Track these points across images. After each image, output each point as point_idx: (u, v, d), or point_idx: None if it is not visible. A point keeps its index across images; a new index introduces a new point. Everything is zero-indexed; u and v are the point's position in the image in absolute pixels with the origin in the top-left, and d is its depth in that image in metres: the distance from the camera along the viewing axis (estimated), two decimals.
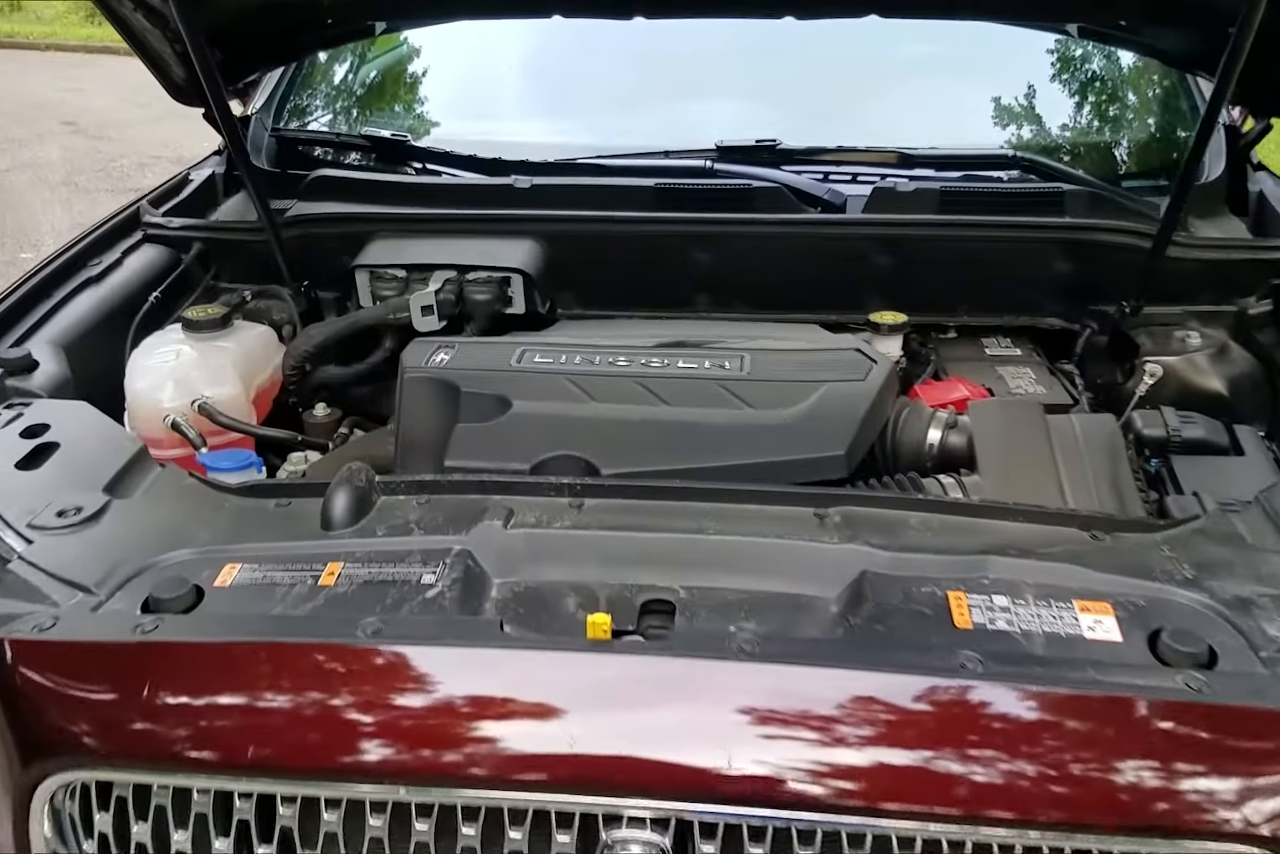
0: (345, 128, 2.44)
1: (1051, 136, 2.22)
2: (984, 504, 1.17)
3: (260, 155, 2.23)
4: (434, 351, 1.59)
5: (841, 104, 2.27)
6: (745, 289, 1.92)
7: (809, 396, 1.45)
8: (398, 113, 2.50)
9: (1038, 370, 1.79)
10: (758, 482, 1.35)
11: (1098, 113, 2.30)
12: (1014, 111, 2.27)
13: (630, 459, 1.35)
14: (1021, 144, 2.17)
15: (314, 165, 2.16)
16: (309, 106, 2.52)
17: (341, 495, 1.15)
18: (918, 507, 1.16)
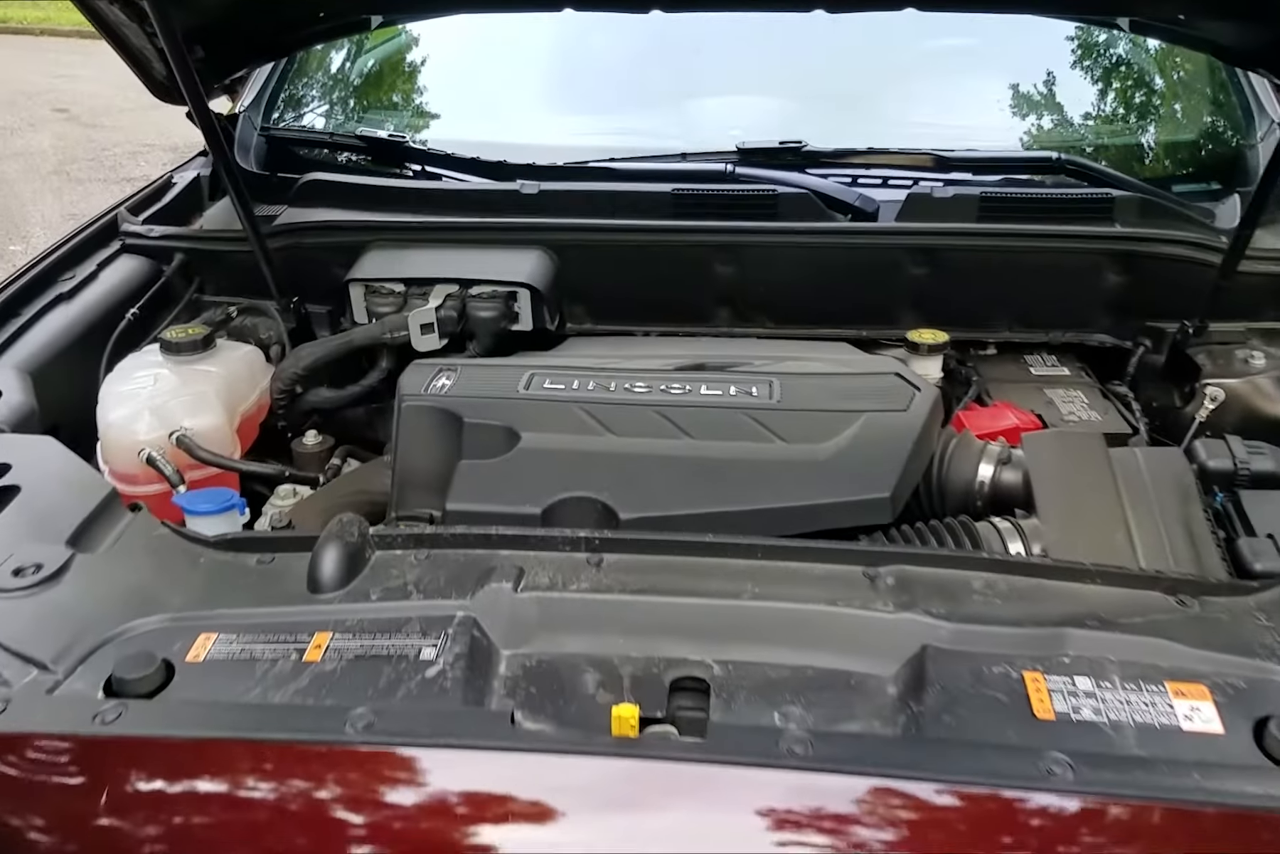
0: (340, 127, 2.31)
1: (1095, 137, 2.09)
2: (1057, 564, 1.04)
3: (248, 156, 2.11)
4: (434, 376, 1.47)
5: (870, 102, 2.14)
6: (769, 302, 1.80)
7: (846, 429, 1.33)
8: (396, 111, 2.37)
9: (1089, 393, 1.67)
10: (792, 525, 1.24)
11: (1142, 112, 2.17)
12: (1055, 110, 2.14)
13: (652, 501, 1.24)
14: (1063, 145, 2.04)
15: (306, 167, 2.03)
16: (301, 104, 2.39)
17: (330, 553, 1.03)
18: (981, 566, 1.03)
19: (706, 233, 1.74)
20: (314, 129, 2.26)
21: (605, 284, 1.80)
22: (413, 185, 1.88)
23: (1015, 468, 1.36)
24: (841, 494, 1.24)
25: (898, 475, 1.25)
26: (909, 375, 1.46)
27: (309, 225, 1.79)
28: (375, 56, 2.47)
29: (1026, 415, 1.53)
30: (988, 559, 1.04)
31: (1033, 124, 2.13)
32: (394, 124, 2.28)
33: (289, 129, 2.21)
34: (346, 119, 2.32)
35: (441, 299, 1.65)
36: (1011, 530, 1.26)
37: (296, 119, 2.33)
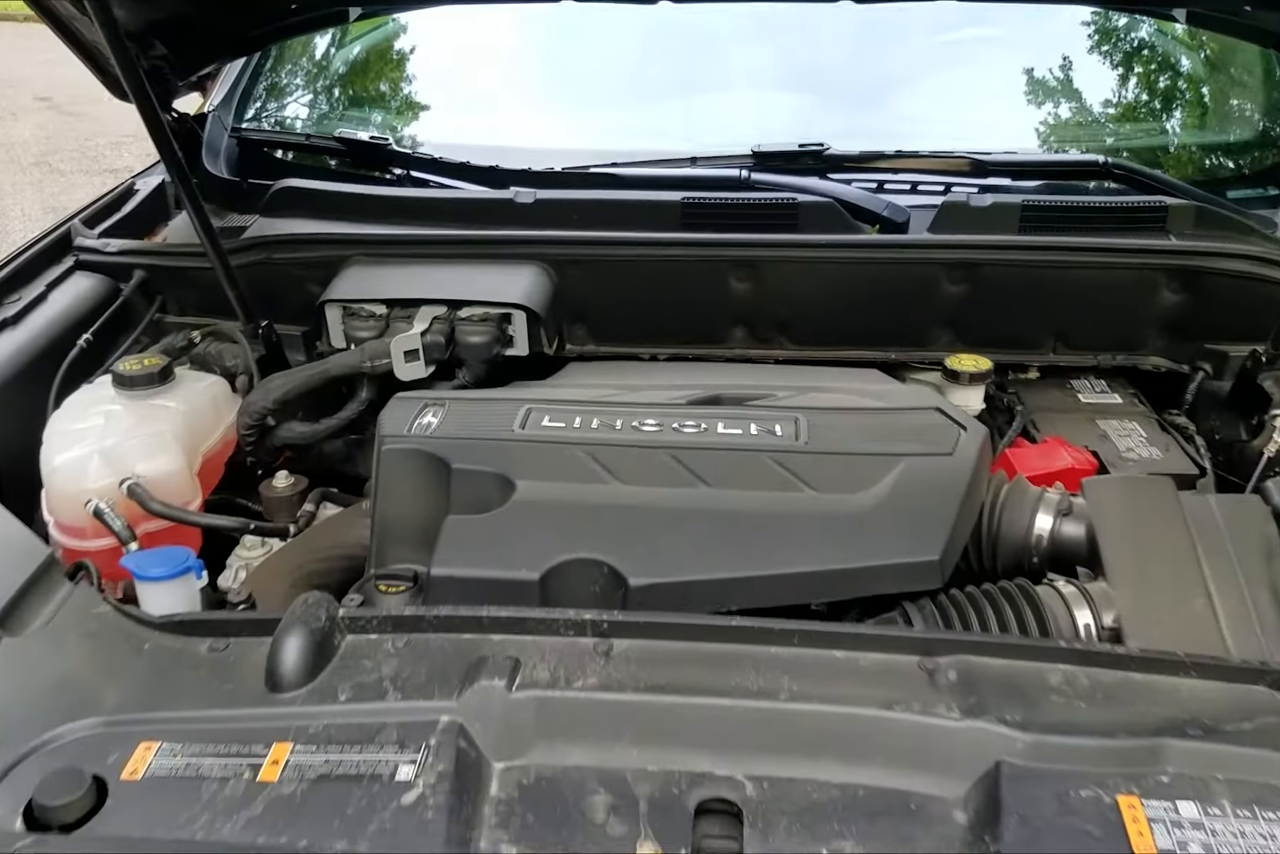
0: (319, 128, 2.16)
1: (1141, 138, 1.95)
2: (1145, 655, 0.90)
3: (218, 160, 1.96)
4: (419, 413, 1.33)
5: (894, 99, 2.00)
6: (789, 322, 1.66)
7: (884, 477, 1.20)
8: (380, 110, 2.23)
9: (1146, 425, 1.53)
10: (827, 592, 1.10)
11: (1191, 110, 2.02)
12: (1095, 109, 2.00)
13: (665, 564, 1.10)
14: (1106, 146, 1.90)
15: (282, 172, 1.89)
16: (277, 102, 2.25)
17: (292, 643, 0.89)
18: (1057, 657, 0.90)
19: (720, 247, 1.60)
20: (290, 130, 2.11)
21: (608, 303, 1.66)
22: (396, 193, 1.74)
23: (1077, 520, 1.22)
24: (883, 556, 1.10)
25: (947, 534, 1.11)
26: (952, 411, 1.32)
27: (279, 239, 1.64)
28: (358, 50, 2.32)
29: (1081, 453, 1.39)
30: (1064, 649, 0.90)
31: (1071, 123, 1.98)
32: (377, 125, 2.14)
33: (262, 130, 2.06)
34: (326, 119, 2.18)
35: (428, 323, 1.50)
36: (1078, 596, 1.12)
37: (271, 119, 2.19)
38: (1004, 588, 1.13)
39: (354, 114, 2.23)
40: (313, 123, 2.20)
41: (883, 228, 1.64)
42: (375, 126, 2.16)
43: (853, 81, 2.07)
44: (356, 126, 2.12)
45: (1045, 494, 1.25)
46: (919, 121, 1.94)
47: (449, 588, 1.09)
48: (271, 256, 1.65)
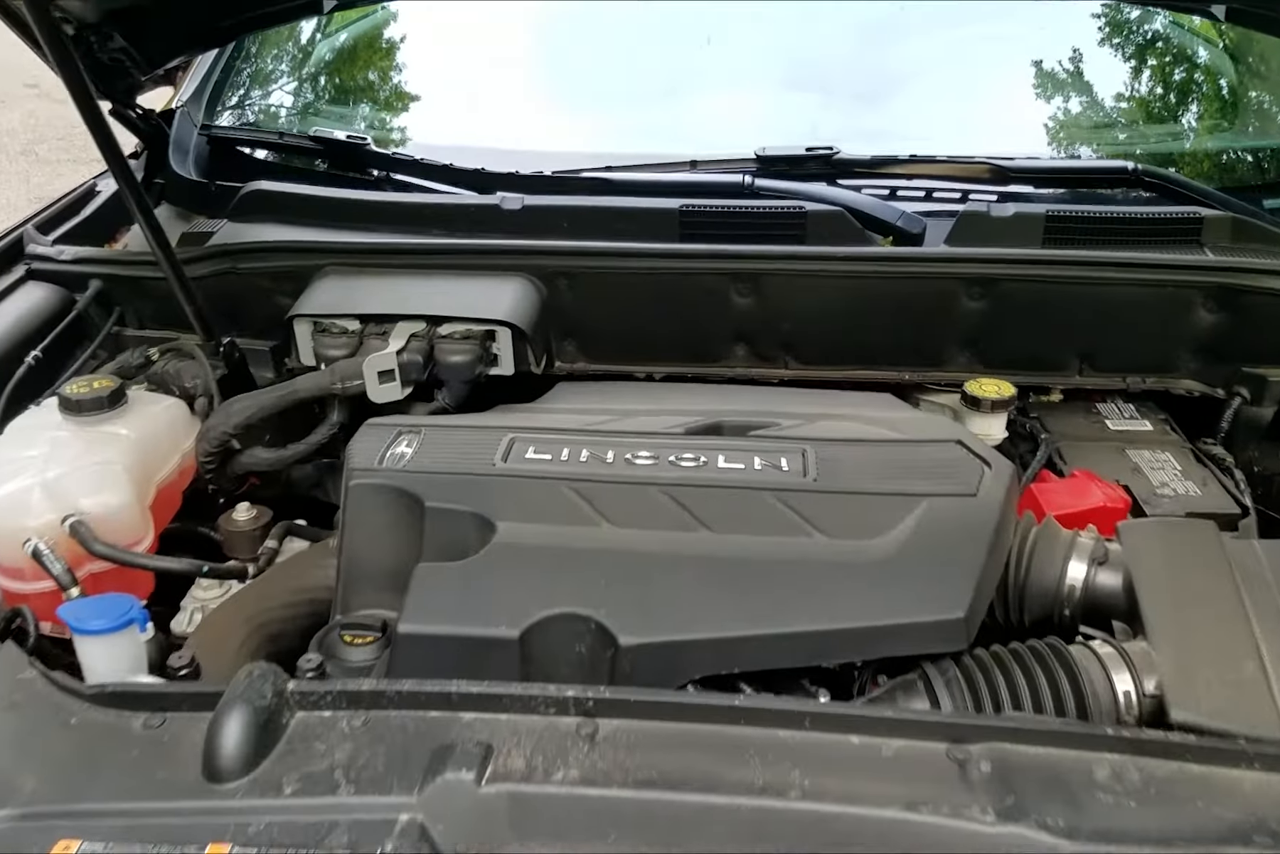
0: (296, 125, 2.06)
1: (1168, 142, 1.85)
2: (1203, 745, 0.81)
3: (186, 160, 1.86)
4: (392, 442, 1.23)
5: (906, 99, 1.90)
6: (794, 340, 1.56)
7: (901, 520, 1.10)
8: (360, 107, 2.12)
9: (1180, 456, 1.43)
10: (839, 653, 1.00)
11: (1225, 113, 1.92)
12: (1119, 110, 1.90)
13: (660, 621, 0.99)
14: (1130, 151, 1.80)
15: (255, 173, 1.78)
16: (251, 97, 2.14)
17: (234, 726, 0.79)
18: (1103, 745, 0.80)
19: (720, 259, 1.50)
20: (265, 127, 2.00)
21: (600, 318, 1.56)
22: (372, 197, 1.63)
23: (1114, 568, 1.12)
24: (902, 613, 1.00)
25: (973, 588, 1.01)
26: (974, 444, 1.23)
27: (245, 247, 1.54)
28: (339, 43, 2.21)
29: (1113, 489, 1.29)
30: (1111, 736, 0.80)
31: (1095, 125, 1.88)
32: (358, 122, 2.04)
33: (235, 127, 1.96)
34: (302, 116, 2.07)
35: (404, 340, 1.40)
36: (1116, 659, 1.02)
37: (245, 115, 2.08)
38: (1035, 648, 1.04)
39: (334, 110, 2.12)
40: (289, 120, 2.09)
41: (896, 239, 1.54)
42: (356, 124, 2.05)
43: (862, 79, 1.97)
44: (336, 124, 2.01)
45: (1078, 539, 1.15)
46: (932, 122, 1.83)
47: (417, 647, 0.99)
48: (237, 266, 1.55)
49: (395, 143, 1.93)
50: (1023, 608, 1.14)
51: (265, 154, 1.93)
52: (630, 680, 0.97)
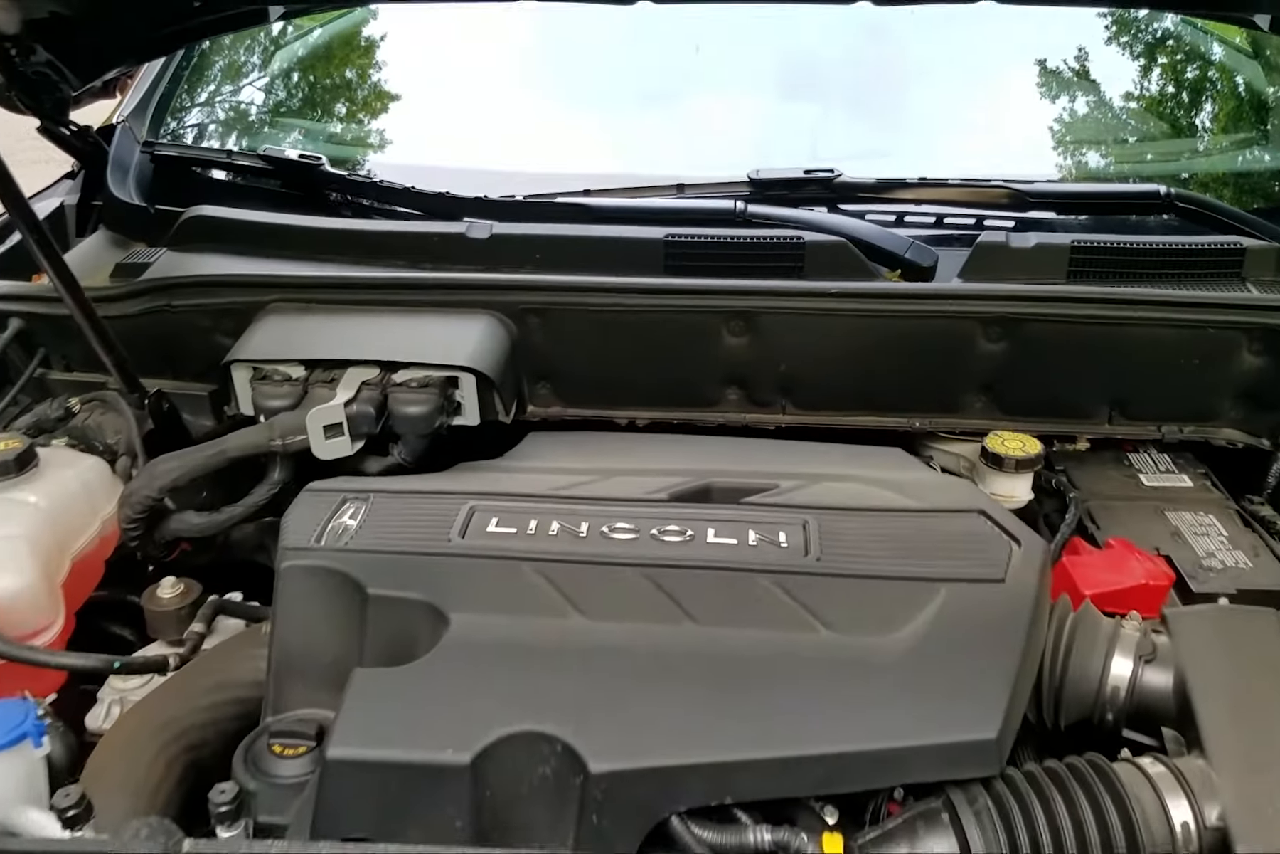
0: (247, 142, 1.92)
1: (1208, 161, 1.73)
2: None
3: (126, 181, 1.72)
4: (334, 513, 1.10)
5: (913, 113, 1.77)
6: (793, 383, 1.43)
7: (919, 612, 0.97)
8: (319, 122, 1.98)
9: (1225, 518, 1.30)
10: (850, 781, 0.87)
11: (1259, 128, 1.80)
12: (1147, 127, 1.77)
13: (638, 743, 0.86)
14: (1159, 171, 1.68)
15: (204, 196, 1.64)
16: (201, 111, 2.01)
17: None
18: None
19: (710, 295, 1.37)
20: (211, 145, 1.87)
21: (577, 360, 1.43)
22: (323, 225, 1.49)
23: (1163, 666, 0.99)
24: (923, 732, 0.86)
25: (1005, 699, 0.88)
26: (999, 515, 1.09)
27: (179, 281, 1.40)
28: (296, 53, 2.08)
29: (1154, 563, 1.16)
30: None
31: (1120, 143, 1.76)
32: (315, 139, 1.90)
33: (181, 145, 1.82)
34: (256, 132, 1.94)
35: (354, 389, 1.26)
36: (1170, 780, 0.89)
37: (194, 131, 1.95)
38: (1076, 769, 0.90)
39: (292, 123, 1.99)
40: (242, 136, 1.96)
41: (905, 273, 1.41)
42: (315, 141, 1.92)
43: (864, 89, 1.84)
44: (293, 141, 1.88)
45: (1121, 630, 1.02)
46: (940, 136, 1.71)
47: (350, 775, 0.85)
48: (172, 303, 1.41)
49: (354, 163, 1.79)
50: (1058, 709, 1.02)
51: (213, 175, 1.79)
52: (604, 812, 0.84)
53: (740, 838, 0.85)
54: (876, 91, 1.80)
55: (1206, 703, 0.94)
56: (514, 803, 0.86)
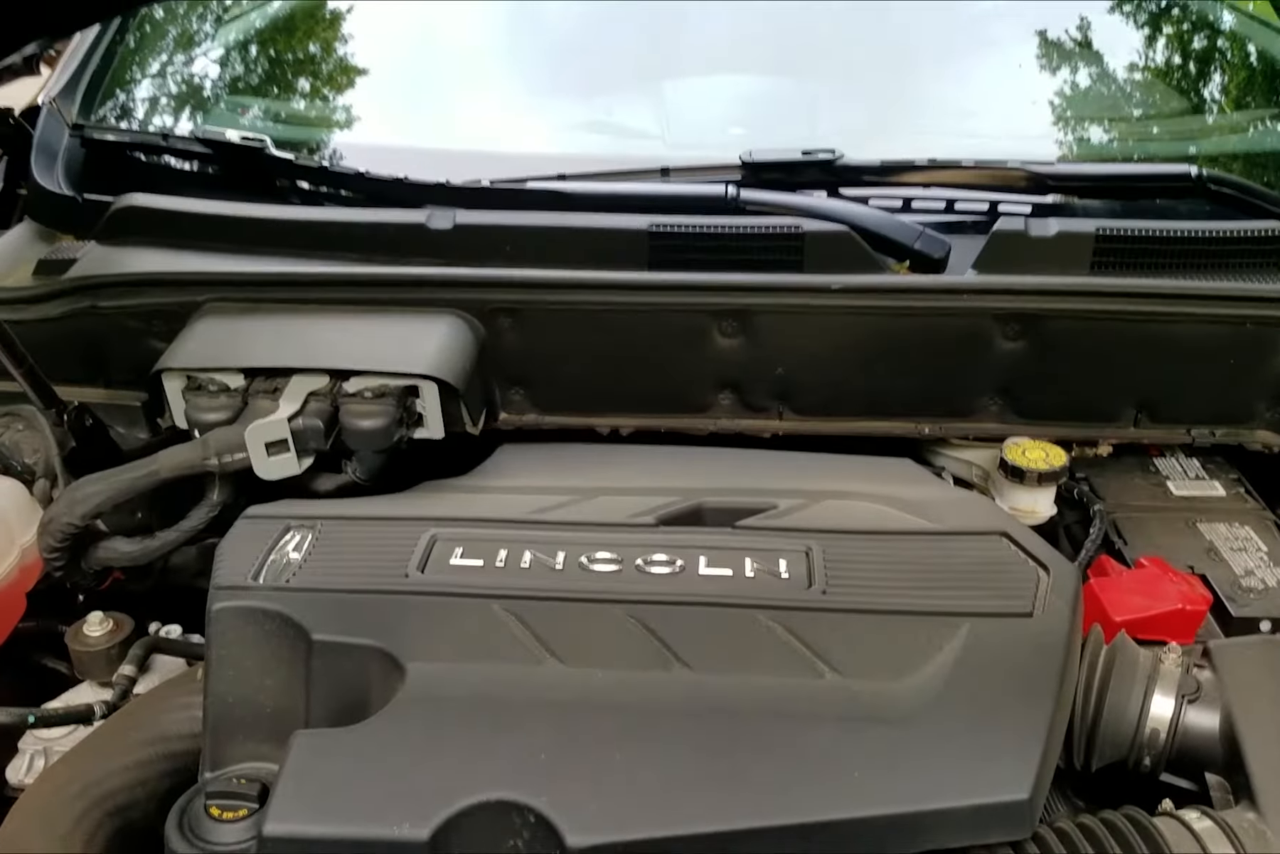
0: (192, 121, 1.83)
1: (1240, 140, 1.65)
2: None
3: (54, 167, 1.62)
4: (276, 543, 1.02)
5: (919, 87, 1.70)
6: (791, 387, 1.35)
7: (937, 653, 0.90)
8: (269, 100, 1.89)
9: (1262, 531, 1.24)
10: (862, 847, 0.80)
11: None
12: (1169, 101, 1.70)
13: (623, 812, 0.78)
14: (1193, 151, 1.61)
15: (140, 184, 1.55)
16: (138, 89, 1.91)
17: None
18: None
19: (699, 291, 1.29)
20: (148, 127, 1.77)
21: (553, 363, 1.35)
22: (267, 215, 1.40)
23: (1208, 706, 0.92)
24: (945, 794, 0.79)
25: (1038, 755, 0.81)
26: (1023, 537, 1.02)
27: (106, 280, 1.32)
28: (247, 24, 1.99)
29: (1190, 584, 1.09)
30: None
31: (1142, 120, 1.68)
32: (261, 119, 1.81)
33: (112, 127, 1.72)
34: (197, 113, 1.84)
35: (300, 401, 1.18)
36: (1218, 836, 0.83)
37: (131, 112, 1.85)
38: (1113, 826, 0.84)
39: (236, 101, 1.89)
40: (186, 116, 1.86)
41: (915, 265, 1.33)
42: (262, 121, 1.83)
43: (863, 65, 1.76)
44: (239, 122, 1.79)
45: (1162, 666, 0.95)
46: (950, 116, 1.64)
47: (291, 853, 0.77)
48: (98, 304, 1.32)
49: (305, 145, 1.70)
50: (1090, 751, 0.95)
51: (150, 160, 1.70)
52: None
53: None
54: (877, 65, 1.72)
55: (1258, 747, 0.88)
56: None
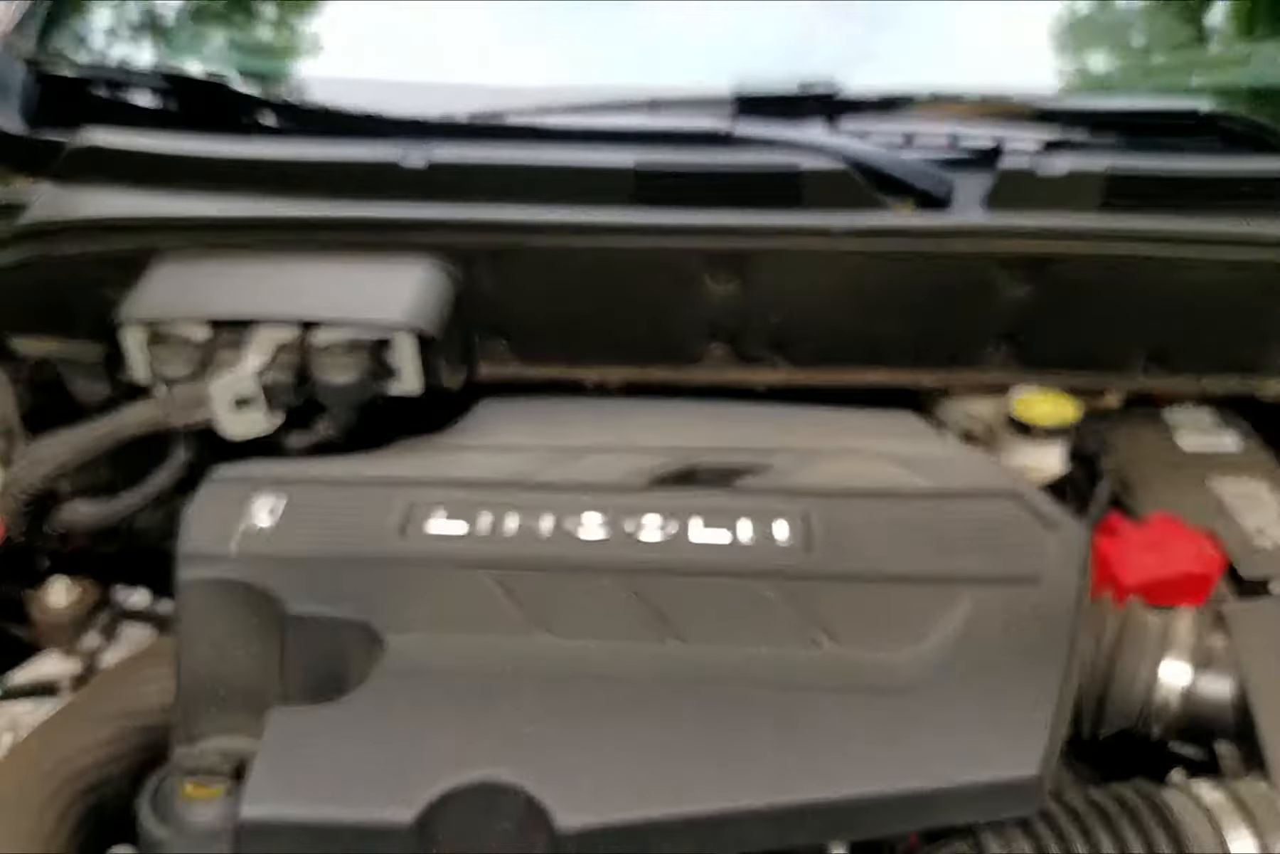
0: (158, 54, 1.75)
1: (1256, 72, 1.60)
2: None
3: (8, 103, 1.54)
4: (245, 508, 0.98)
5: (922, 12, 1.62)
6: (787, 336, 1.31)
7: (940, 621, 0.87)
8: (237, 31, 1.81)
9: (1275, 485, 1.21)
10: (865, 828, 0.78)
11: None
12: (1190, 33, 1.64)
13: (615, 790, 0.76)
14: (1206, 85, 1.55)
15: (102, 121, 1.48)
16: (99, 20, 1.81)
17: None
18: None
19: (690, 233, 1.24)
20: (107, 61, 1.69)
21: (536, 310, 1.30)
22: (229, 152, 1.33)
23: (1221, 673, 0.91)
24: (951, 771, 0.77)
25: (1047, 728, 0.79)
26: (1031, 497, 0.99)
27: (60, 225, 1.25)
28: None
29: (1201, 543, 1.07)
30: None
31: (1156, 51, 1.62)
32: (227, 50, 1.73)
33: (70, 62, 1.64)
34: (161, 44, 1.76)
35: (268, 354, 1.13)
36: (1230, 810, 0.81)
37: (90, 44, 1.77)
38: (1124, 802, 0.82)
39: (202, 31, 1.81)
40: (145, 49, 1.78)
41: (919, 203, 1.28)
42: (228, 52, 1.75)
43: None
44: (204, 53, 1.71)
45: (1173, 634, 0.93)
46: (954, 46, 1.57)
47: (268, 839, 0.75)
48: (54, 251, 1.26)
49: (271, 77, 1.63)
50: (1099, 720, 0.93)
51: (109, 96, 1.62)
52: None
53: None
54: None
55: (1272, 716, 0.87)
56: None
